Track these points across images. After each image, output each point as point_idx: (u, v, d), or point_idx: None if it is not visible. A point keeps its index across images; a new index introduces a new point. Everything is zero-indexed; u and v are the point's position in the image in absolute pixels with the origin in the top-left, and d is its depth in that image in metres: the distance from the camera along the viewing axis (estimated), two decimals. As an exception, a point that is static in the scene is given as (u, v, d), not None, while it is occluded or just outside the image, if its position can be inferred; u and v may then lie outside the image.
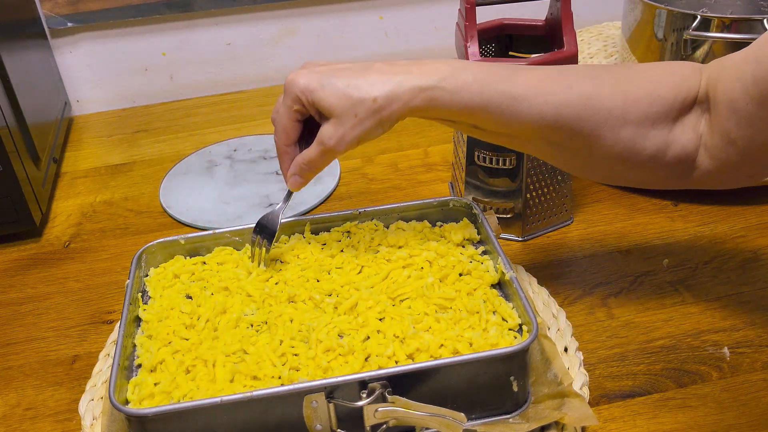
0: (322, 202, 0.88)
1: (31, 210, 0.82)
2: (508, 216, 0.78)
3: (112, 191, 0.95)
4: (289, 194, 0.63)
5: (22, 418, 0.62)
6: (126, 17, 1.13)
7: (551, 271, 0.73)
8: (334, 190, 0.91)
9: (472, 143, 0.76)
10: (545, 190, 0.77)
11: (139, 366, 0.56)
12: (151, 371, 0.55)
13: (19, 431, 0.60)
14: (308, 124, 0.58)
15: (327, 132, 0.55)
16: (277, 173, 0.94)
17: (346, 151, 0.56)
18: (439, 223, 0.69)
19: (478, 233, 0.67)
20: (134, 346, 0.58)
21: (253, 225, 0.68)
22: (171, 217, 0.88)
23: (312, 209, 0.87)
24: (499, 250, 0.62)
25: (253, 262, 0.64)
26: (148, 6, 1.13)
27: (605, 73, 0.56)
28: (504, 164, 0.75)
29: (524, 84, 0.54)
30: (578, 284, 0.71)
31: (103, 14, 1.12)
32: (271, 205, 0.87)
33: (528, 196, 0.76)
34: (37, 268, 0.81)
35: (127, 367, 0.56)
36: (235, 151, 1.01)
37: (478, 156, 0.76)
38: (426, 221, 0.69)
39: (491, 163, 0.75)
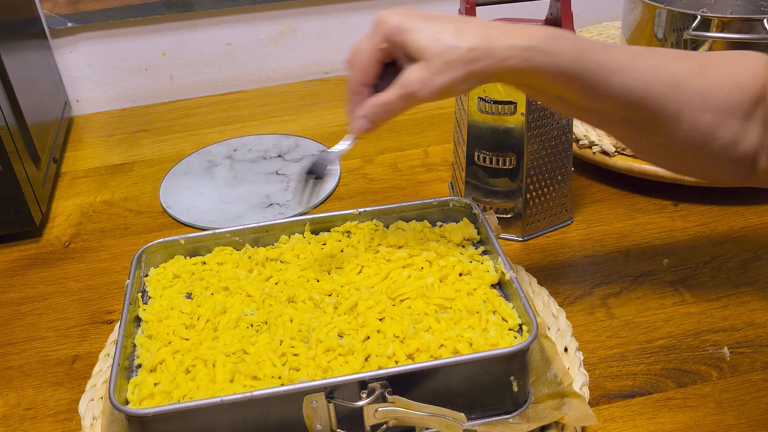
0: (322, 202, 0.88)
1: (31, 210, 0.82)
2: (508, 216, 0.78)
3: (112, 191, 0.95)
4: (353, 139, 0.57)
5: (22, 418, 0.62)
6: (126, 17, 1.13)
7: (551, 271, 0.73)
8: (334, 190, 0.91)
9: (472, 143, 0.76)
10: (545, 190, 0.77)
11: (139, 366, 0.56)
12: (151, 371, 0.55)
13: (19, 431, 0.60)
14: (383, 74, 0.54)
15: (412, 75, 0.51)
16: (277, 173, 0.94)
17: (428, 101, 0.52)
18: (439, 223, 0.69)
19: (478, 233, 0.67)
20: (134, 346, 0.58)
21: (253, 225, 0.68)
22: (171, 217, 0.88)
23: (312, 209, 0.87)
24: (499, 250, 0.62)
25: (296, 201, 0.58)
26: (148, 6, 1.13)
27: (689, 57, 0.55)
28: (504, 164, 0.75)
29: (618, 58, 0.52)
30: (578, 284, 0.71)
31: (103, 14, 1.12)
32: (271, 205, 0.87)
33: (528, 196, 0.76)
34: (37, 268, 0.81)
35: (127, 367, 0.56)
36: (235, 151, 1.01)
37: (478, 156, 0.76)
38: (426, 221, 0.69)
39: (491, 163, 0.75)
